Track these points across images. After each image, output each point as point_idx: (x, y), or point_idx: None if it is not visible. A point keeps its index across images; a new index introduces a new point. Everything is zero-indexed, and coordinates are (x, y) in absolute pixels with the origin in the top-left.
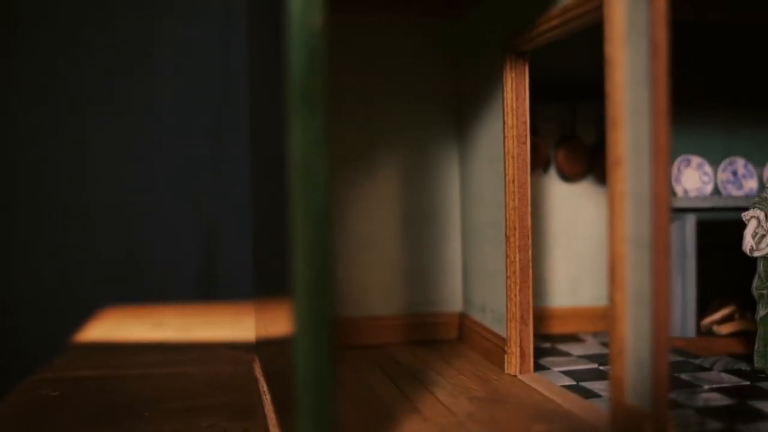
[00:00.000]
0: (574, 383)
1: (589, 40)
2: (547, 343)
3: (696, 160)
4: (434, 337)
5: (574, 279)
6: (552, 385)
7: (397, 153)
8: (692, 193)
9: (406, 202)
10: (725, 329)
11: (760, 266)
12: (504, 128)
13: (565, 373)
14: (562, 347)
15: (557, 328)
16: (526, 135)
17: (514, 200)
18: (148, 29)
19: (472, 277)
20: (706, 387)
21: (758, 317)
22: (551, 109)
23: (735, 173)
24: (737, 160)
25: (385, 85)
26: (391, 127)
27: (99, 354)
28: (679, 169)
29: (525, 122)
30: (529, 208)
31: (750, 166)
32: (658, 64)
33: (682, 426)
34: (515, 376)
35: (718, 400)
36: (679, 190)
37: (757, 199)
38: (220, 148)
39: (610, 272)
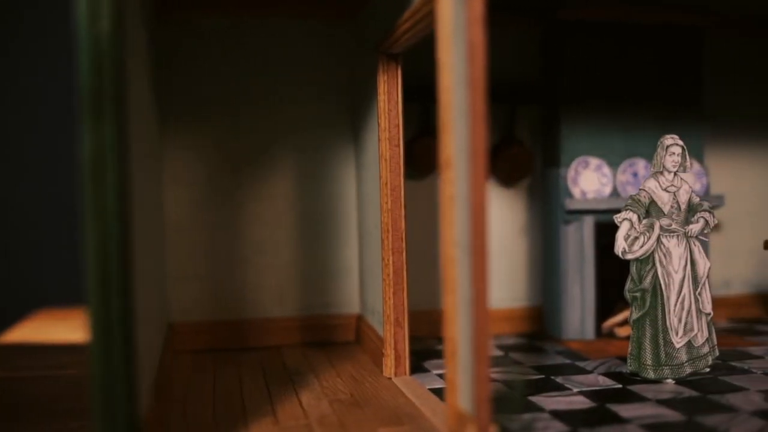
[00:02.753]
0: (442, 387)
1: (491, 41)
2: (441, 345)
3: (594, 161)
4: (332, 339)
5: None
6: (421, 387)
7: (294, 155)
8: (590, 195)
9: (303, 205)
10: (624, 331)
11: (633, 269)
12: (378, 131)
13: (442, 375)
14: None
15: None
16: (399, 138)
17: (387, 203)
18: None
19: (365, 280)
20: (575, 390)
21: (631, 320)
22: None
23: (635, 174)
24: (637, 161)
25: (282, 86)
26: (288, 129)
27: (13, 355)
28: (576, 171)
29: (398, 125)
30: (403, 211)
31: (650, 168)
32: (475, 65)
33: (522, 429)
34: (390, 378)
35: (579, 403)
36: (576, 192)
37: (629, 202)
38: None
39: (442, 276)
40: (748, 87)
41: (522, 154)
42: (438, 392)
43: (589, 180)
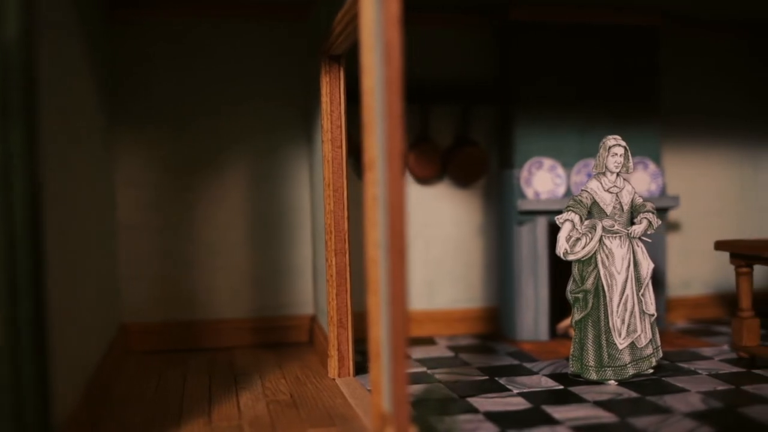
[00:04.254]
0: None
1: (446, 41)
2: None
3: (548, 162)
4: (285, 341)
5: (431, 282)
6: (361, 389)
7: (248, 157)
8: (543, 196)
9: (256, 206)
10: None
11: (575, 270)
12: (321, 132)
13: None
14: (408, 351)
15: (414, 331)
16: (341, 139)
17: (330, 204)
18: None
19: (318, 281)
20: (516, 391)
21: (573, 321)
22: (405, 112)
23: (590, 175)
24: (592, 162)
25: (236, 89)
26: (242, 132)
27: None
28: (530, 172)
29: (340, 126)
30: (346, 212)
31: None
32: (391, 66)
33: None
34: (334, 379)
35: (515, 405)
36: (530, 192)
37: (571, 203)
38: None
39: (367, 277)
40: (705, 87)
41: (476, 154)
42: None
43: (542, 181)
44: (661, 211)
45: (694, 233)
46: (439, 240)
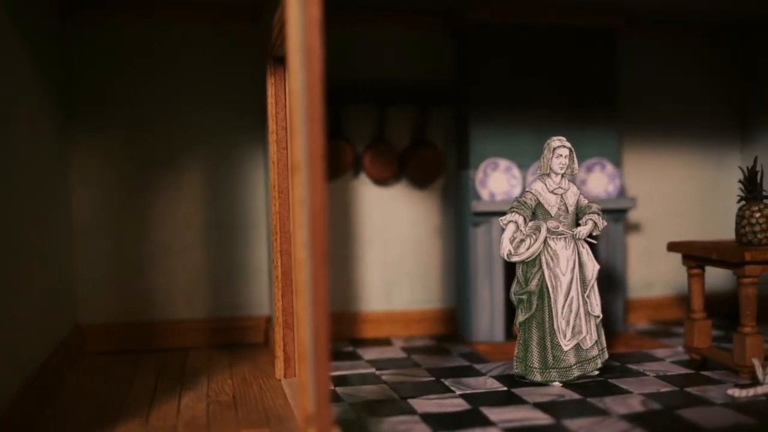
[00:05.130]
0: (331, 388)
1: (405, 42)
2: (350, 347)
3: (504, 163)
4: (241, 341)
5: (389, 283)
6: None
7: (204, 158)
8: (499, 197)
9: (213, 207)
10: None
11: (519, 271)
12: (267, 134)
13: (336, 378)
14: (362, 351)
15: (372, 332)
16: (286, 141)
17: (276, 205)
18: None
19: (271, 282)
20: (458, 393)
21: (517, 323)
22: (361, 112)
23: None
24: None
25: (193, 89)
26: (199, 132)
27: None
28: (485, 173)
29: (284, 128)
30: (292, 213)
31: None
32: (312, 69)
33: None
34: (280, 380)
35: (454, 406)
36: (485, 193)
37: (515, 204)
38: None
39: (294, 279)
40: (667, 89)
41: (433, 155)
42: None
43: (498, 182)
44: (619, 213)
45: (656, 234)
46: (397, 241)
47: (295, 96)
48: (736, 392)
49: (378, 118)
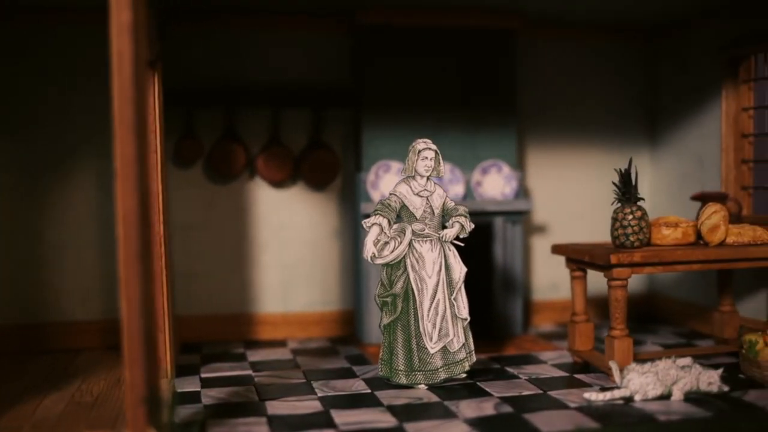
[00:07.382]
0: (197, 390)
1: (302, 44)
2: (242, 349)
3: (396, 165)
4: None
5: (286, 285)
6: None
7: (97, 159)
8: None
9: (107, 208)
10: None
11: (384, 274)
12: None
13: (206, 380)
14: (251, 353)
15: (269, 333)
16: (156, 144)
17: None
18: None
19: None
20: (319, 395)
21: (382, 326)
22: (258, 116)
23: (440, 179)
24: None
25: (82, 91)
26: (90, 134)
27: None
28: (377, 175)
29: (154, 131)
30: (161, 216)
31: (457, 172)
32: (122, 75)
33: None
34: None
35: (305, 408)
36: (376, 195)
37: (379, 206)
38: None
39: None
40: (572, 90)
41: (329, 158)
42: (191, 395)
43: (390, 184)
44: (516, 215)
45: (560, 236)
46: (294, 243)
47: (116, 102)
48: (593, 396)
49: (272, 121)
